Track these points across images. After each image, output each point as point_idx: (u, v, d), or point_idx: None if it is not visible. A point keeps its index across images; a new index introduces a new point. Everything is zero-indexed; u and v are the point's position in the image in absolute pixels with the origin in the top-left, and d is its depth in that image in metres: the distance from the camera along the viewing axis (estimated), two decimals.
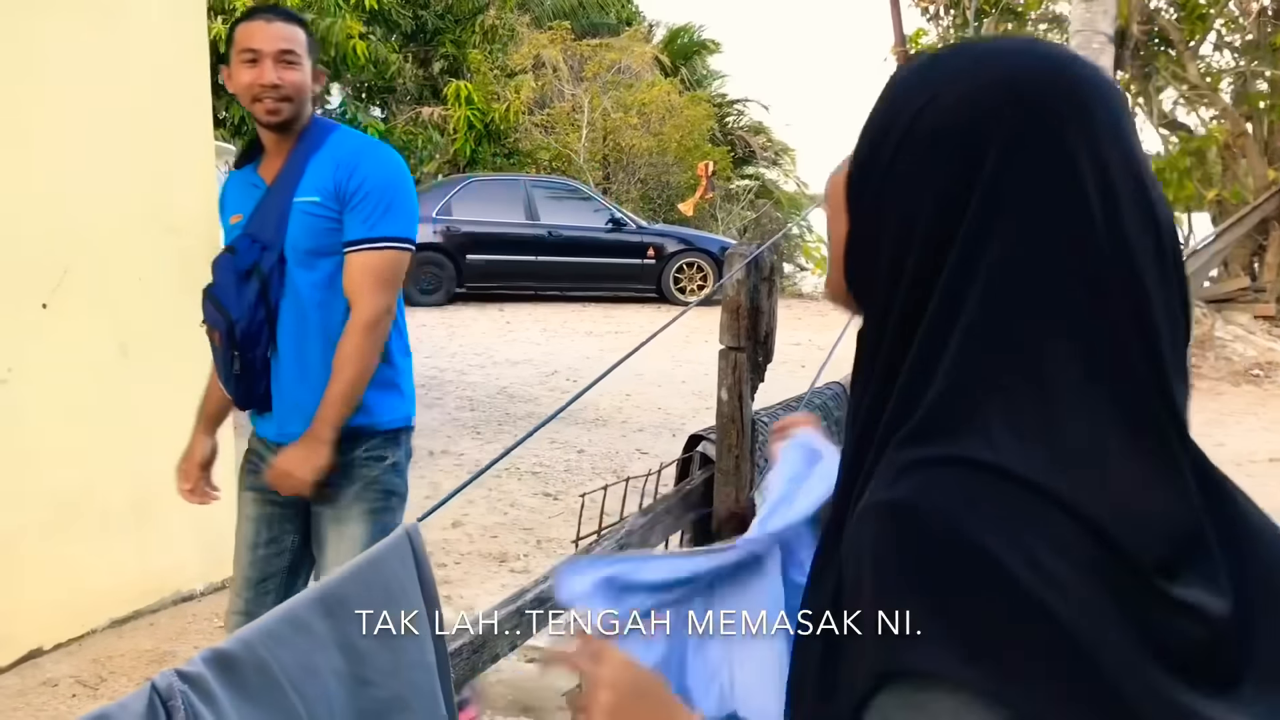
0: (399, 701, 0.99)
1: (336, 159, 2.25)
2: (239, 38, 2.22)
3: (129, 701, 0.79)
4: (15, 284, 3.26)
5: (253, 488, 2.44)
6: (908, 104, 0.77)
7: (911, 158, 0.76)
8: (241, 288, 2.21)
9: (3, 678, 3.30)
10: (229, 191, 2.42)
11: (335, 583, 0.98)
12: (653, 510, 1.68)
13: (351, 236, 2.23)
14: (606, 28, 20.80)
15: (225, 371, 2.29)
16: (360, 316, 2.21)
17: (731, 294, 1.65)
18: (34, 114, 3.30)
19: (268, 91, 2.18)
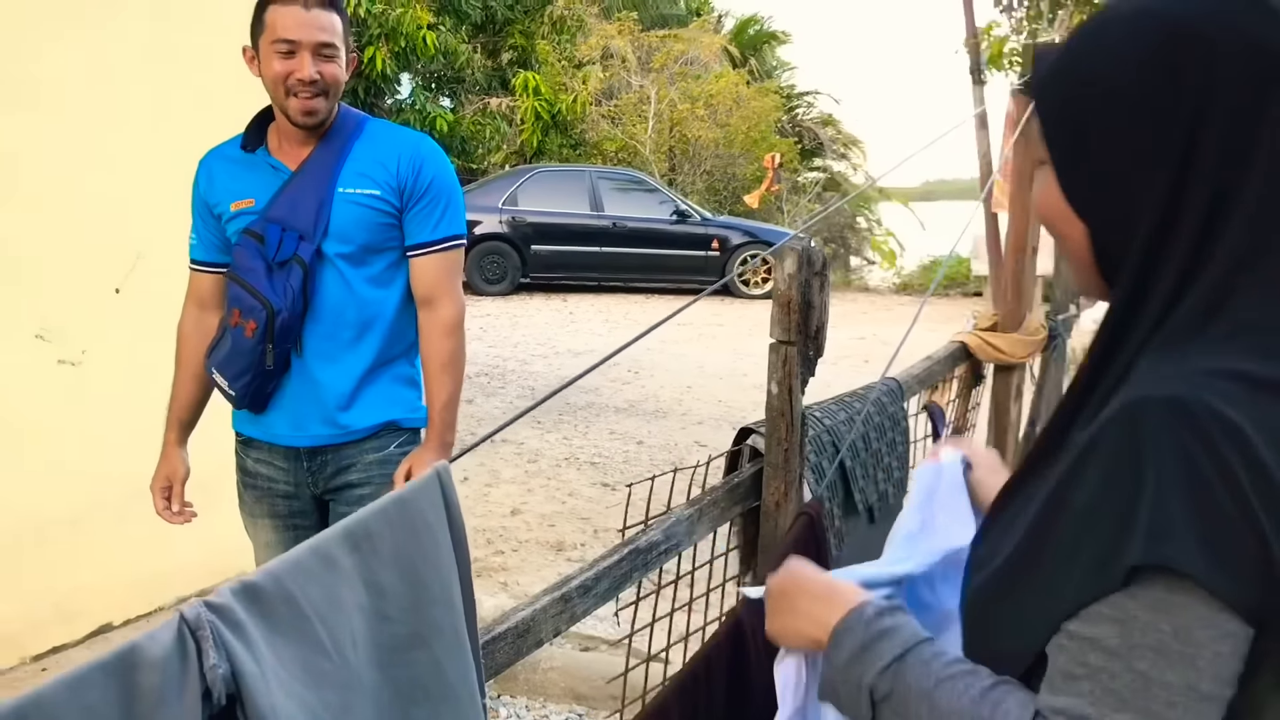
0: (417, 638, 1.02)
1: (397, 154, 2.15)
2: (273, 23, 2.04)
3: (158, 632, 0.81)
4: (90, 270, 3.36)
5: (270, 515, 2.33)
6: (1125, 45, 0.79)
7: (1141, 94, 0.78)
8: (276, 278, 2.09)
9: (74, 651, 3.40)
10: (231, 172, 2.21)
11: (362, 519, 1.00)
12: (700, 502, 1.69)
13: (427, 237, 2.17)
14: (675, 19, 20.77)
15: (247, 366, 2.12)
16: (450, 315, 2.19)
17: (783, 288, 1.65)
18: (106, 105, 3.38)
19: (304, 88, 2.04)
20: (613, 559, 1.48)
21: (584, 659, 3.51)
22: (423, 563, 1.01)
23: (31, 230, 3.16)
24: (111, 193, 3.39)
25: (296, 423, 2.21)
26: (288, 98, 2.05)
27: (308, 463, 2.24)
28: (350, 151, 2.14)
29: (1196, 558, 0.67)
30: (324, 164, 2.13)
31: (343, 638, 0.92)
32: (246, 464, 2.33)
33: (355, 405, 2.19)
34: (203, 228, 2.28)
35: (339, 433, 2.20)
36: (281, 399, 2.20)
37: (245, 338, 2.10)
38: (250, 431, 2.29)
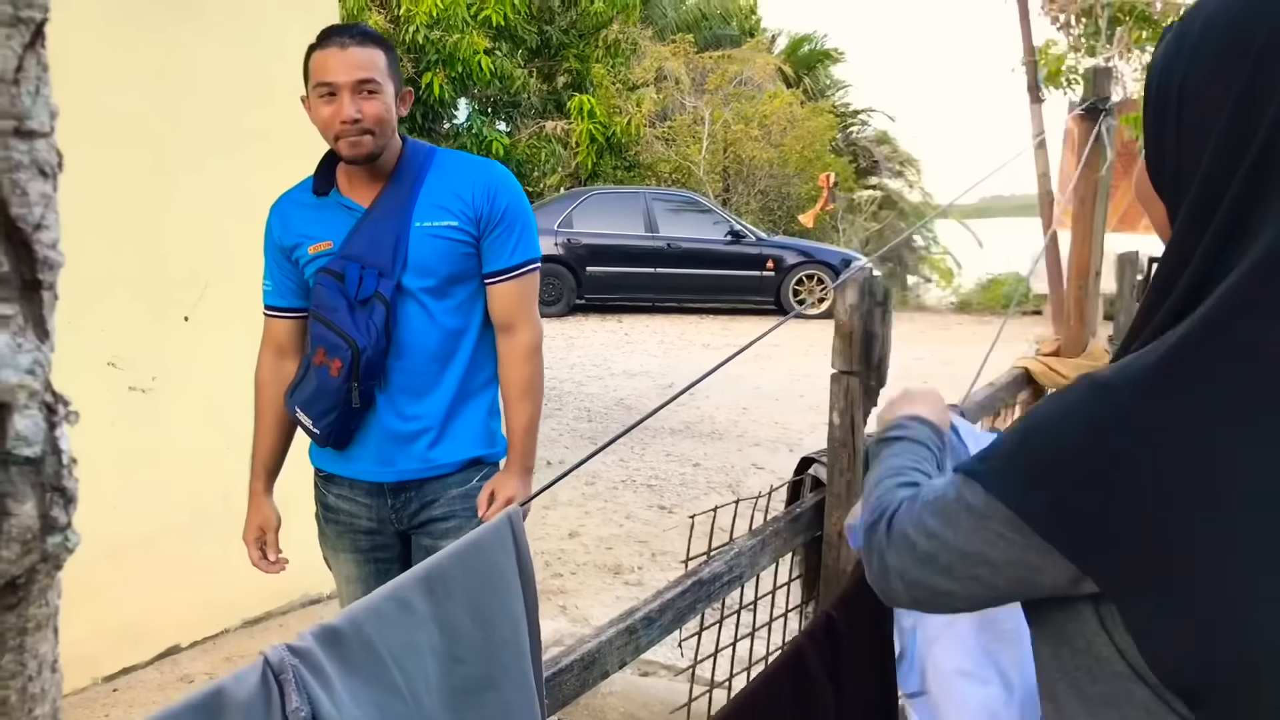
0: (488, 680, 1.03)
1: (471, 183, 2.15)
2: (314, 69, 2.07)
3: (244, 674, 0.83)
4: (160, 299, 3.43)
5: (352, 549, 2.30)
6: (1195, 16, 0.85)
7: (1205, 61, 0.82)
8: (359, 315, 2.08)
9: (143, 672, 3.47)
10: (304, 216, 2.20)
11: (438, 563, 1.02)
12: (762, 532, 1.69)
13: (505, 264, 2.17)
14: (729, 39, 20.80)
15: (333, 404, 2.12)
16: (530, 341, 2.20)
17: (845, 319, 1.65)
18: (177, 136, 3.47)
19: (348, 128, 2.03)
20: (677, 590, 1.49)
21: (643, 684, 3.51)
22: (494, 606, 1.03)
23: (104, 261, 3.24)
24: (180, 224, 3.47)
25: (381, 458, 2.19)
26: (336, 140, 2.07)
27: (391, 499, 2.22)
28: (423, 184, 2.14)
29: (995, 478, 0.87)
30: (397, 199, 2.13)
31: (417, 681, 0.93)
32: (328, 499, 2.31)
33: (441, 441, 2.18)
34: (278, 273, 2.27)
35: (424, 468, 2.19)
36: (365, 435, 2.19)
37: (331, 377, 2.10)
38: (331, 468, 2.27)
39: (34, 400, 0.51)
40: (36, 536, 0.51)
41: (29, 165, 0.50)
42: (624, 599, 4.36)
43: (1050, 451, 0.83)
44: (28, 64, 0.49)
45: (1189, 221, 0.82)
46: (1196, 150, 0.82)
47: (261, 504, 2.36)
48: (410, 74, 14.59)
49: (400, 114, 2.14)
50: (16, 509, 0.50)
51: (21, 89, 0.49)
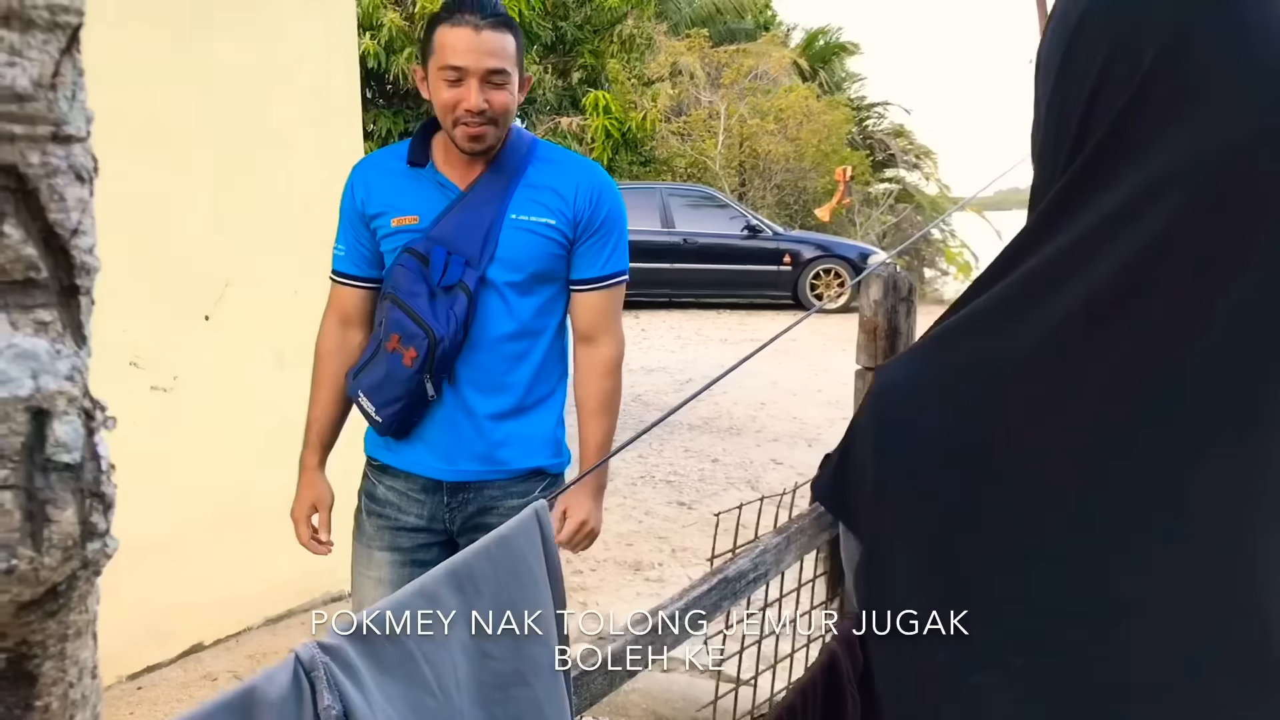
0: (518, 676, 1.03)
1: (575, 183, 2.06)
2: (442, 46, 1.94)
3: (275, 673, 0.83)
4: (181, 298, 3.45)
5: (390, 548, 2.16)
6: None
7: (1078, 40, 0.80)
8: (439, 304, 1.98)
9: (167, 670, 3.48)
10: (393, 185, 2.08)
11: (465, 559, 1.02)
12: (787, 529, 1.68)
13: (597, 272, 2.10)
14: (744, 33, 20.77)
15: (402, 394, 2.01)
16: (612, 355, 2.14)
17: (869, 314, 1.64)
18: (197, 135, 3.48)
19: (473, 117, 1.93)
20: (703, 588, 1.48)
21: (664, 680, 3.50)
22: (523, 601, 1.03)
23: (125, 261, 3.26)
24: (201, 223, 3.48)
25: (444, 455, 2.09)
26: (454, 126, 1.96)
27: (448, 498, 2.12)
28: (524, 176, 2.05)
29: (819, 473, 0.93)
30: (495, 187, 2.03)
31: (446, 676, 0.93)
32: (377, 491, 2.18)
33: (507, 443, 2.09)
34: (354, 239, 2.14)
35: (488, 469, 2.10)
36: (428, 428, 2.09)
37: (403, 365, 1.99)
38: (388, 459, 2.15)
39: (73, 406, 0.51)
40: (77, 543, 0.51)
41: (66, 170, 0.50)
42: (644, 595, 4.36)
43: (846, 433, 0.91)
44: (64, 69, 0.49)
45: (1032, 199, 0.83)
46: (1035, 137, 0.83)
47: (315, 479, 2.21)
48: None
49: (520, 101, 2.04)
50: (57, 515, 0.50)
51: (59, 94, 0.49)
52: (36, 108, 0.48)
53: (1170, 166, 0.69)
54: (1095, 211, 0.72)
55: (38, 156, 0.48)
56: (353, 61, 4.20)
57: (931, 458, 0.77)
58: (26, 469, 0.49)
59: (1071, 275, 0.73)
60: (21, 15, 0.46)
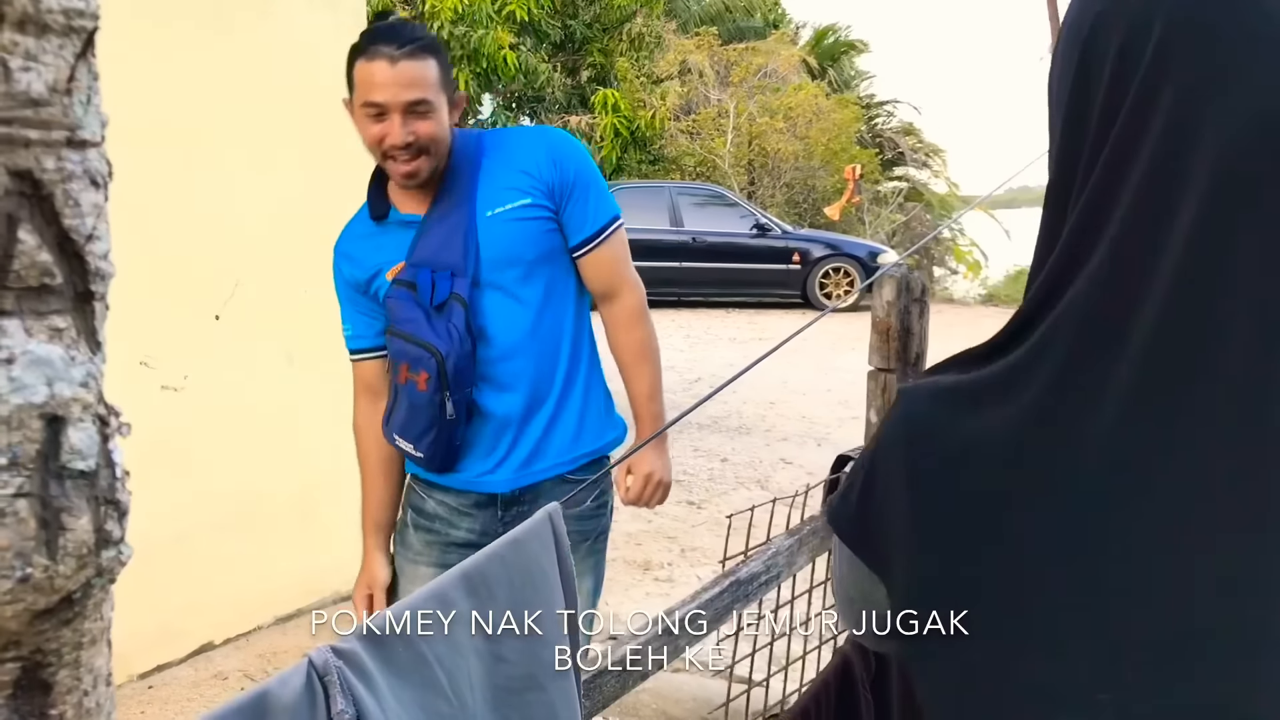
0: (531, 680, 1.03)
1: (534, 154, 1.99)
2: (359, 82, 1.89)
3: (288, 677, 0.83)
4: (191, 298, 3.45)
5: (439, 564, 2.05)
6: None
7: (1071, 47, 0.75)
8: (437, 322, 1.93)
9: (177, 669, 3.49)
10: (371, 246, 2.04)
11: (478, 562, 1.02)
12: (799, 531, 1.68)
13: (591, 230, 2.04)
14: (753, 31, 20.75)
15: (429, 422, 1.95)
16: (635, 303, 2.09)
17: (882, 315, 1.63)
18: (207, 134, 3.48)
19: (401, 152, 1.88)
20: (715, 590, 1.48)
21: (675, 680, 3.50)
22: (536, 604, 1.02)
23: (135, 261, 3.25)
24: (211, 223, 3.48)
25: (492, 467, 2.03)
26: (385, 161, 1.92)
27: (503, 511, 2.06)
28: (481, 172, 1.99)
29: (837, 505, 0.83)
30: (456, 195, 1.97)
31: (460, 680, 0.93)
32: (426, 505, 2.10)
33: (554, 439, 2.04)
34: (356, 313, 2.11)
35: (540, 470, 2.04)
36: (472, 445, 2.02)
37: (419, 391, 1.93)
38: (437, 476, 2.07)
39: (88, 413, 0.51)
40: (91, 551, 0.51)
41: (81, 176, 0.49)
42: (654, 595, 4.35)
43: (858, 458, 0.83)
44: (79, 74, 0.49)
45: (1043, 231, 0.76)
46: (1052, 153, 0.77)
47: (374, 561, 2.15)
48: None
49: (453, 122, 1.98)
50: (72, 523, 0.49)
51: (74, 99, 0.48)
52: (51, 113, 0.47)
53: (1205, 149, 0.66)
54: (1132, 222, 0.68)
55: (53, 162, 0.48)
56: None
57: (982, 500, 0.73)
58: (41, 476, 0.48)
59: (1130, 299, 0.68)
60: (37, 20, 0.46)
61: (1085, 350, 0.69)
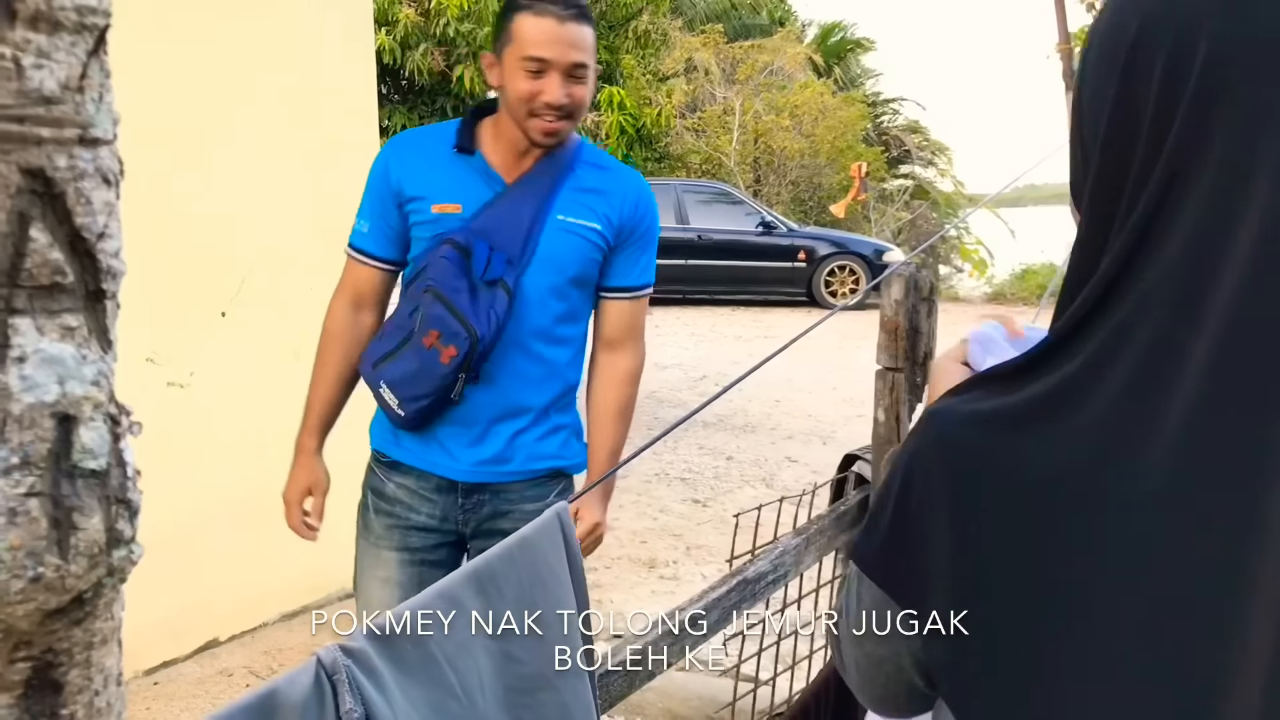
0: (543, 679, 1.02)
1: (623, 190, 2.02)
2: (523, 36, 1.85)
3: (297, 675, 0.83)
4: (198, 294, 3.45)
5: (400, 548, 2.08)
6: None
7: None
8: (480, 300, 1.89)
9: (183, 666, 3.49)
10: (437, 168, 1.97)
11: (488, 561, 1.02)
12: (807, 530, 1.67)
13: (632, 282, 2.07)
14: (759, 29, 20.72)
15: (432, 390, 1.92)
16: (634, 365, 2.11)
17: (890, 314, 1.63)
18: (212, 132, 3.48)
19: (550, 110, 1.86)
20: (722, 589, 1.48)
21: (681, 679, 3.50)
22: (546, 603, 1.02)
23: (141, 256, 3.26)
24: (217, 219, 3.48)
25: (461, 454, 2.02)
26: (529, 118, 1.88)
27: (463, 499, 2.05)
28: (571, 176, 1.99)
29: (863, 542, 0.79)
30: (542, 184, 1.96)
31: (470, 680, 0.93)
32: (386, 489, 2.09)
33: (529, 445, 2.04)
34: (380, 216, 2.02)
35: (507, 471, 2.04)
36: (445, 426, 2.01)
37: (440, 363, 1.89)
38: (400, 455, 2.06)
39: (99, 412, 0.51)
40: (103, 550, 0.51)
41: (93, 174, 0.49)
42: (659, 593, 4.35)
43: (882, 489, 0.77)
44: (91, 71, 0.48)
45: (1079, 246, 0.73)
46: (1090, 164, 0.73)
47: (313, 462, 2.14)
48: (441, 67, 14.62)
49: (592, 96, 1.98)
50: (83, 523, 0.49)
51: (86, 97, 0.48)
52: (64, 110, 0.47)
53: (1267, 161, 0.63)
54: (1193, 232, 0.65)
55: (65, 160, 0.48)
56: (369, 57, 4.20)
57: (1034, 529, 0.68)
58: (53, 476, 0.48)
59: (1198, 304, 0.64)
60: (49, 17, 0.45)
61: (1144, 374, 0.65)
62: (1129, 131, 0.69)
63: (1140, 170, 0.68)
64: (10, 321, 0.46)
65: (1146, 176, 0.67)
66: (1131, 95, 0.69)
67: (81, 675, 0.52)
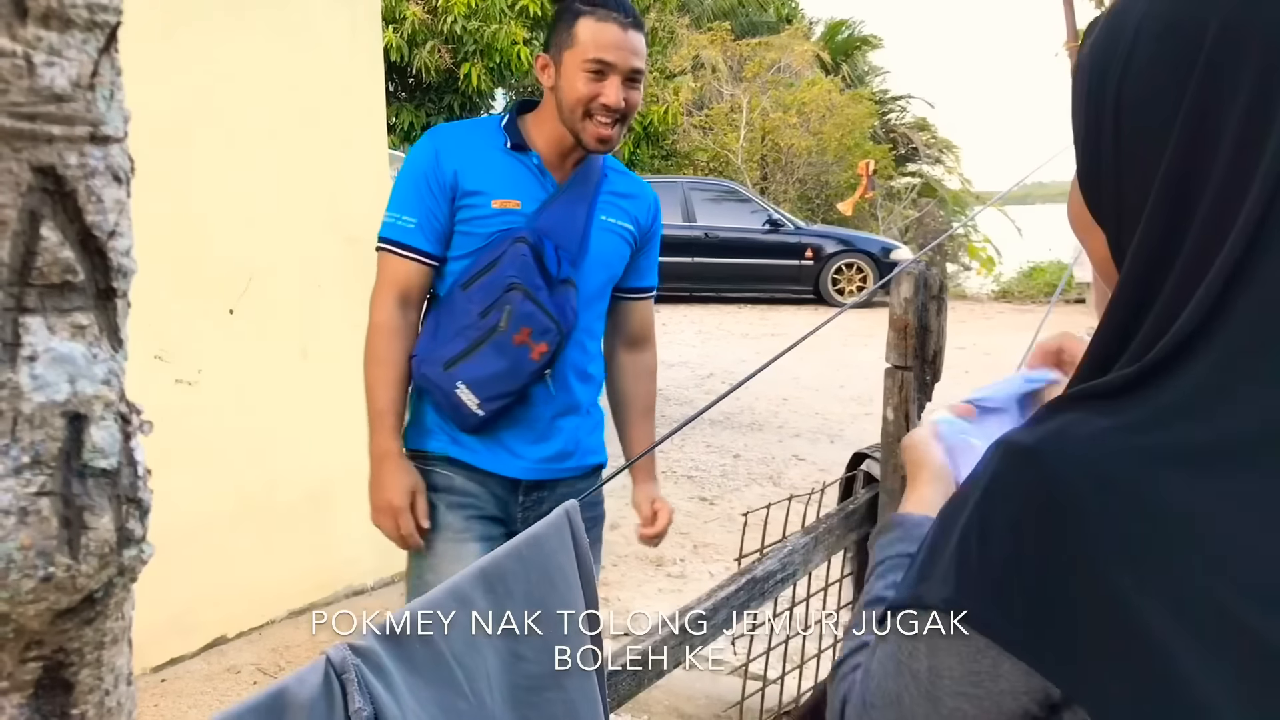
0: (551, 678, 1.02)
1: (644, 196, 2.13)
2: (587, 40, 1.88)
3: (306, 674, 0.83)
4: (206, 292, 3.45)
5: (482, 538, 2.01)
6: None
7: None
8: (557, 297, 1.92)
9: (191, 662, 3.50)
10: (494, 163, 1.97)
11: (496, 560, 1.01)
12: (815, 529, 1.67)
13: (651, 282, 2.19)
14: (766, 26, 20.70)
15: (516, 389, 1.93)
16: (654, 360, 2.23)
17: (900, 312, 1.62)
18: (221, 130, 3.48)
19: (606, 113, 1.89)
20: (731, 588, 1.47)
21: (687, 677, 3.49)
22: (555, 602, 1.02)
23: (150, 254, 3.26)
24: (224, 217, 3.49)
25: (524, 451, 2.02)
26: (584, 120, 1.91)
27: (523, 496, 2.05)
28: (606, 180, 2.06)
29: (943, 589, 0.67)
30: (587, 186, 2.01)
31: (479, 678, 0.92)
32: (455, 483, 2.02)
33: (579, 440, 2.08)
34: (431, 211, 1.96)
35: (566, 467, 2.06)
36: (509, 424, 2.00)
37: (531, 360, 1.90)
38: (461, 455, 2.01)
39: (110, 411, 0.50)
40: (114, 550, 0.50)
41: (104, 171, 0.49)
42: (666, 591, 4.35)
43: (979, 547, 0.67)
44: (103, 69, 0.48)
45: (1144, 260, 0.67)
46: (1144, 172, 0.67)
47: (405, 464, 2.00)
48: (448, 64, 14.62)
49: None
50: (94, 522, 0.49)
51: (97, 94, 0.48)
52: (75, 108, 0.47)
53: None
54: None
55: (75, 158, 0.47)
56: (377, 55, 4.20)
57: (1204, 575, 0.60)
58: (63, 475, 0.48)
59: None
60: (60, 14, 0.45)
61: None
62: (1210, 138, 0.64)
63: (1229, 175, 0.63)
64: (21, 320, 0.46)
65: (1243, 181, 0.63)
66: (1214, 101, 0.64)
67: (92, 675, 0.52)
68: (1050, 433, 0.66)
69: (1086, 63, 0.74)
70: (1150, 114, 0.67)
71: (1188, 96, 0.65)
